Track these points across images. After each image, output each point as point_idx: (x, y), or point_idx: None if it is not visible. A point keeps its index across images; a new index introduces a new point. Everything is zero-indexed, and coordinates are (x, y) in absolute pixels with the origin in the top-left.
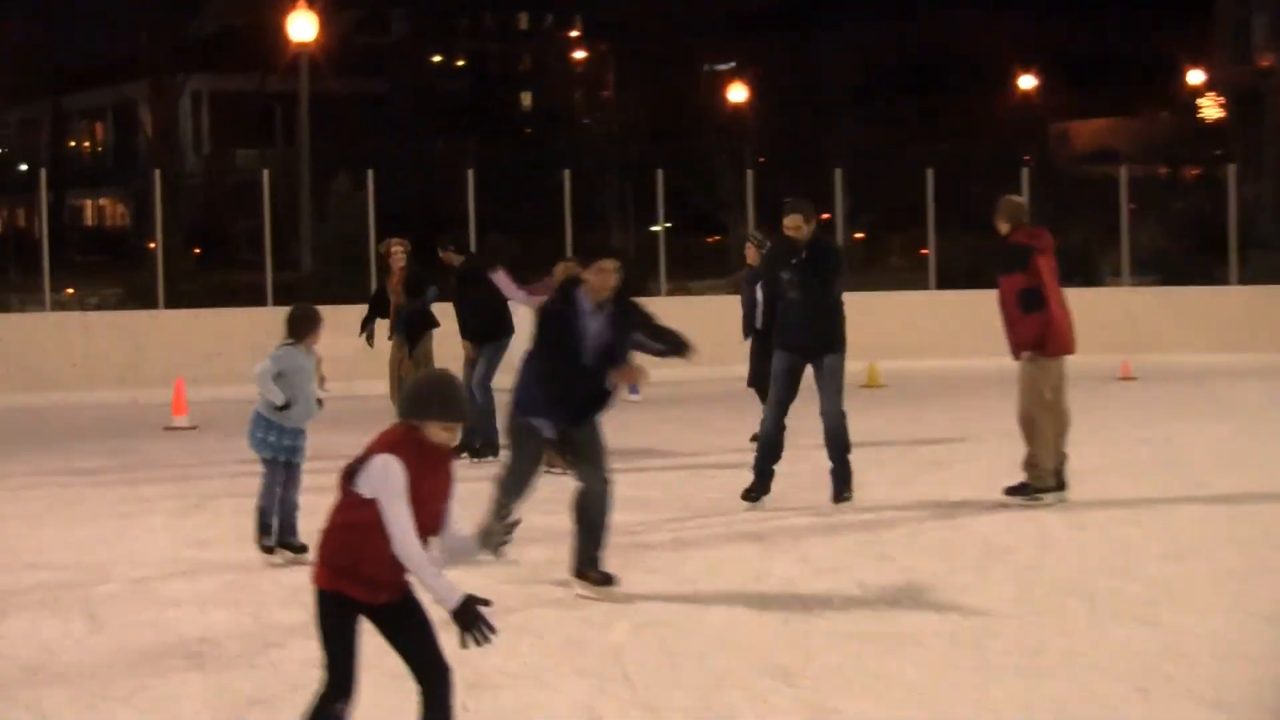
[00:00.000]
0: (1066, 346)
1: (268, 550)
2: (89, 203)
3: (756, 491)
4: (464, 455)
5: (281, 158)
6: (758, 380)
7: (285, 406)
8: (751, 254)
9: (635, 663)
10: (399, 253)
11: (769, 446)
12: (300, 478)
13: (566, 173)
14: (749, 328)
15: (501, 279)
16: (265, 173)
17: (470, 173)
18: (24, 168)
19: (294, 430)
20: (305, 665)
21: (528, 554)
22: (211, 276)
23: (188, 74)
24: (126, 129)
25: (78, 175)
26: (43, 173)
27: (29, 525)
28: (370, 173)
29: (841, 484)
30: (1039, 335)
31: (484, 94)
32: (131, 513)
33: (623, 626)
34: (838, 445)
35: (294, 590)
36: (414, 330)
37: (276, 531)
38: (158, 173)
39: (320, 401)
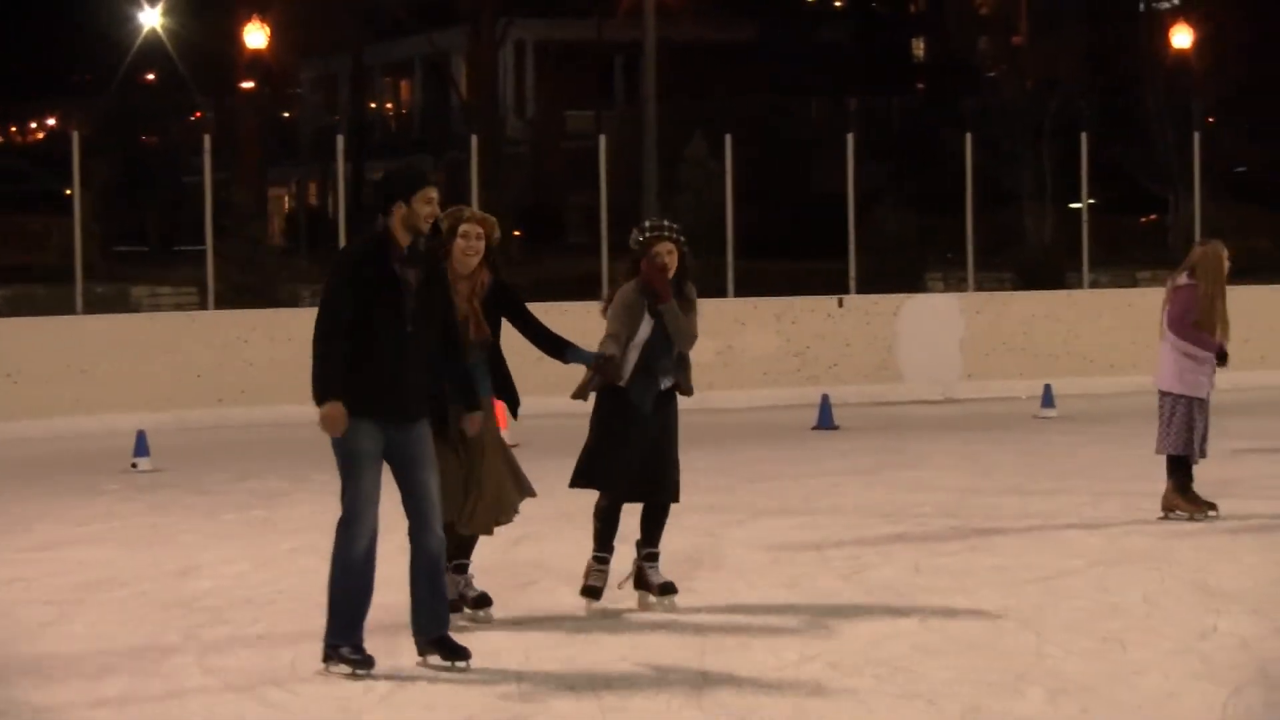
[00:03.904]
0: None
1: None
2: None
3: None
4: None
5: (622, 120)
6: (603, 472)
7: None
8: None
9: None
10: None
11: None
12: None
13: (968, 136)
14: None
15: None
16: (602, 138)
17: (850, 137)
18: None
19: None
20: None
21: None
22: (538, 264)
23: (510, 20)
24: (437, 87)
25: (380, 142)
26: (339, 140)
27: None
28: (728, 137)
29: None
30: None
31: (868, 42)
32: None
33: None
34: None
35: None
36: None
37: None
38: (474, 139)
39: None
